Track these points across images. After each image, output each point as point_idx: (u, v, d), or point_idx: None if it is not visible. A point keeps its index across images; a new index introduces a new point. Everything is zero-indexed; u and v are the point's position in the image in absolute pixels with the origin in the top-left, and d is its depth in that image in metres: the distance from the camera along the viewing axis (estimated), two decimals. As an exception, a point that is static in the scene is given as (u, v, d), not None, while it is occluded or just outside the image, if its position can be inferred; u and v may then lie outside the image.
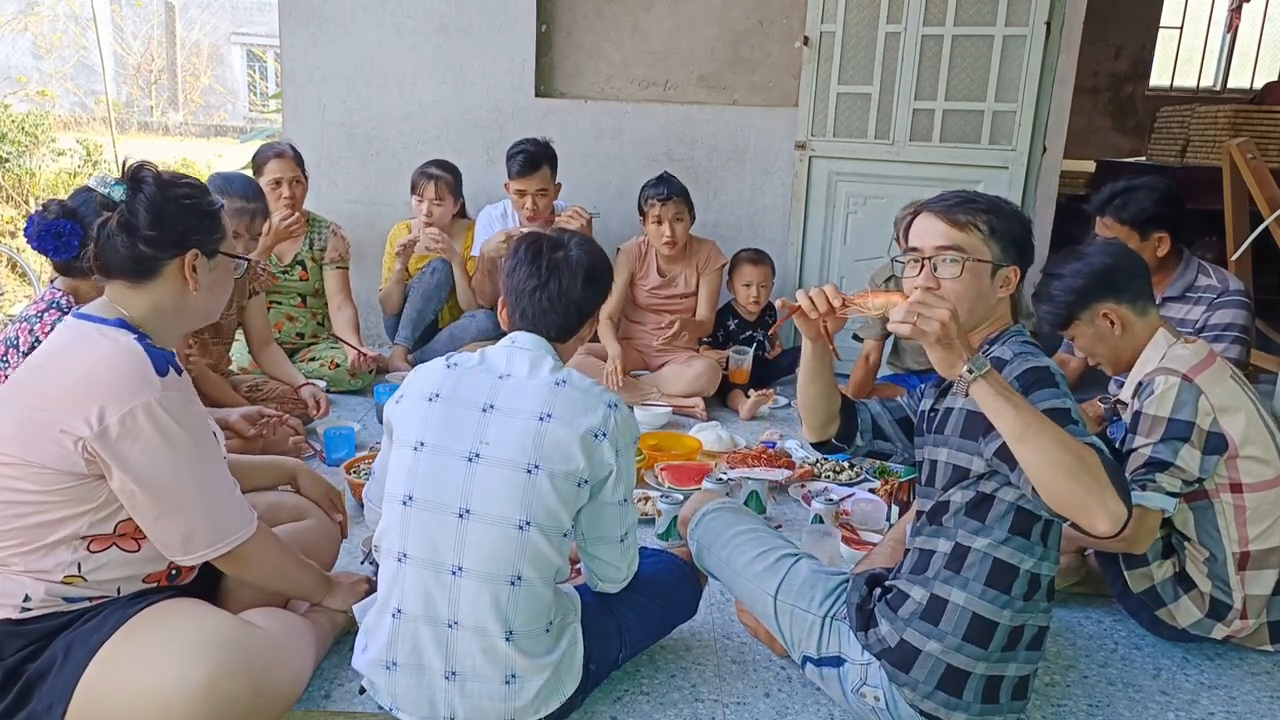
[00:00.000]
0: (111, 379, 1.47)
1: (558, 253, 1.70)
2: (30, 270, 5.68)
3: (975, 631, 1.58)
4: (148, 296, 1.58)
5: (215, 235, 1.64)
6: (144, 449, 1.46)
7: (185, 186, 1.60)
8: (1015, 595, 1.58)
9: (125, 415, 1.45)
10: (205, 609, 1.62)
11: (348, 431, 2.99)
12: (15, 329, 2.12)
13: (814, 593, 1.77)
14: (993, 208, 1.67)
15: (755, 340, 3.87)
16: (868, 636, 1.68)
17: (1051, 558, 1.62)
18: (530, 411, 1.57)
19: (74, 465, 1.46)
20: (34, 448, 1.46)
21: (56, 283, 2.20)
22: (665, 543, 2.42)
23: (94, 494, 1.49)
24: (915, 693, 1.62)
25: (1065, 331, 2.16)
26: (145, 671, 1.48)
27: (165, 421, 1.47)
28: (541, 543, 1.55)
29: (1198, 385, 1.94)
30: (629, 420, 1.65)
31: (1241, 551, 1.98)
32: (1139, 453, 1.96)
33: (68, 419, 1.44)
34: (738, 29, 4.35)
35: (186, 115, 16.96)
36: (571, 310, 1.69)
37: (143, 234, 1.53)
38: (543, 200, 3.74)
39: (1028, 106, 4.03)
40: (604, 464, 1.59)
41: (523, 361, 1.64)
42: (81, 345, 1.53)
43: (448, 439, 1.57)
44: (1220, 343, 2.60)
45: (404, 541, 1.58)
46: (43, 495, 1.48)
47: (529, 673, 1.57)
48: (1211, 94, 8.69)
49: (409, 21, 4.29)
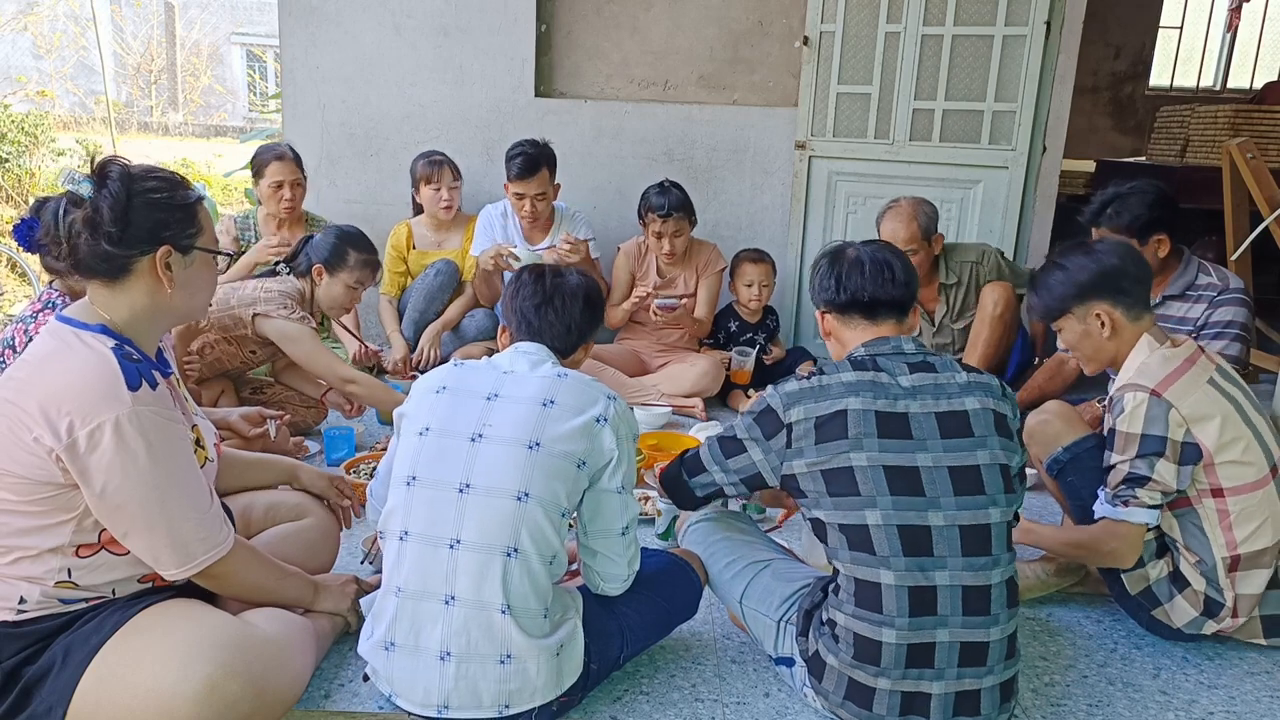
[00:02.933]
0: (82, 391, 1.43)
1: (558, 278, 1.82)
2: (30, 270, 5.68)
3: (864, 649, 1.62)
4: (123, 297, 1.54)
5: (189, 230, 1.57)
6: (109, 465, 1.43)
7: (155, 180, 1.54)
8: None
9: (93, 430, 1.42)
10: (205, 610, 1.61)
11: (348, 431, 2.99)
12: (12, 330, 2.12)
13: (772, 598, 1.84)
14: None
15: (757, 342, 3.87)
16: (806, 640, 1.74)
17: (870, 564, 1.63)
18: (534, 398, 1.65)
19: (50, 475, 1.44)
20: (11, 458, 1.45)
21: (53, 283, 2.20)
22: (665, 543, 2.42)
23: (73, 503, 1.47)
24: (829, 701, 1.70)
25: (1054, 323, 2.16)
26: (145, 673, 1.47)
27: (131, 438, 1.43)
28: (539, 515, 1.58)
29: (1167, 399, 1.93)
30: (627, 412, 1.72)
31: (1231, 555, 1.97)
32: (1117, 469, 1.97)
33: (40, 429, 1.42)
34: (737, 29, 4.35)
35: (186, 115, 16.95)
36: (572, 327, 1.79)
37: (105, 231, 1.47)
38: (541, 203, 3.74)
39: (1028, 106, 4.03)
40: (604, 450, 1.64)
41: (525, 361, 1.73)
42: (58, 354, 1.49)
43: (453, 423, 1.64)
44: (1221, 340, 2.60)
45: (406, 520, 1.62)
46: (24, 505, 1.47)
47: (525, 654, 1.57)
48: (1211, 94, 8.70)
49: (409, 21, 4.29)
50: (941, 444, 1.64)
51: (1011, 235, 4.18)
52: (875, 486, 1.61)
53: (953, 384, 1.70)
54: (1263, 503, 1.97)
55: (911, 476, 1.62)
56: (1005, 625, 1.63)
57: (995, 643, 1.62)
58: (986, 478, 1.64)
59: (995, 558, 1.63)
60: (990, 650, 1.62)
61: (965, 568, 1.60)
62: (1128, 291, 2.05)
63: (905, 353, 1.74)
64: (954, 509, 1.61)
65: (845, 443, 1.63)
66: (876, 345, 1.76)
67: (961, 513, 1.61)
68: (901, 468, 1.62)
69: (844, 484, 1.63)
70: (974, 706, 1.62)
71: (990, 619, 1.61)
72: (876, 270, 1.78)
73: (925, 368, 1.72)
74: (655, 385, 3.69)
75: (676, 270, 3.86)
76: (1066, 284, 2.09)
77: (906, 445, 1.63)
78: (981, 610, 1.61)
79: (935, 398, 1.67)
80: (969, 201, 4.22)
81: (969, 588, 1.60)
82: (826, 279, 1.83)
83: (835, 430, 1.65)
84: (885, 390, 1.67)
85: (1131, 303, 2.06)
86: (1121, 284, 2.05)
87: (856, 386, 1.67)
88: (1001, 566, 1.64)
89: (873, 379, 1.68)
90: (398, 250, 4.03)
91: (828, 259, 1.86)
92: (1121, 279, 2.05)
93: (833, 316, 1.85)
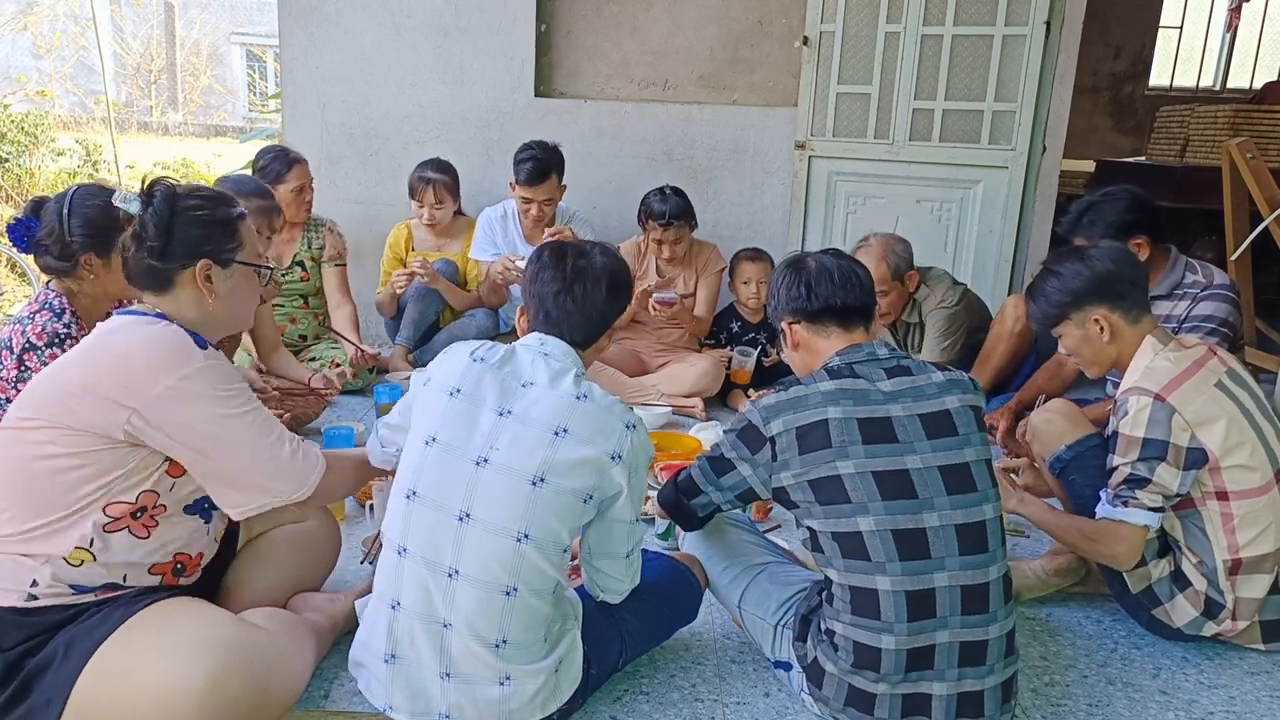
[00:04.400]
0: (161, 351, 1.56)
1: (581, 260, 1.69)
2: (30, 270, 5.68)
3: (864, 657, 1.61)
4: (172, 306, 1.66)
5: (229, 245, 1.69)
6: (207, 414, 1.56)
7: (198, 199, 1.67)
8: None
9: (184, 378, 1.54)
10: (208, 608, 1.63)
11: (347, 432, 2.98)
12: (9, 330, 2.11)
13: (769, 602, 1.84)
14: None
15: (759, 342, 3.87)
16: (804, 647, 1.73)
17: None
18: (547, 423, 1.55)
19: (111, 430, 1.52)
20: (72, 412, 1.51)
21: (51, 284, 2.19)
22: (665, 543, 2.42)
23: (124, 460, 1.54)
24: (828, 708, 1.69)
25: (1053, 330, 2.15)
26: (147, 668, 1.48)
27: (218, 384, 1.58)
28: (537, 558, 1.54)
29: (1170, 404, 1.92)
30: (645, 443, 1.63)
31: (1233, 559, 1.97)
32: (1119, 470, 1.96)
33: (115, 389, 1.51)
34: (737, 29, 4.35)
35: (186, 115, 16.94)
36: (595, 316, 1.68)
37: (149, 245, 1.61)
38: (549, 208, 3.73)
39: (1027, 106, 4.03)
40: (614, 484, 1.59)
41: (545, 371, 1.61)
42: (125, 329, 1.61)
43: (459, 438, 1.57)
44: (1197, 334, 2.57)
45: (405, 536, 1.59)
46: (72, 458, 1.52)
47: (523, 676, 1.57)
48: (1211, 94, 8.69)
49: (408, 21, 4.29)
50: (929, 444, 1.63)
51: (1011, 235, 4.18)
52: (865, 493, 1.59)
53: (930, 384, 1.69)
54: (1267, 508, 1.97)
55: (902, 480, 1.61)
56: (1003, 622, 1.63)
57: (994, 640, 1.62)
58: (976, 474, 1.65)
59: (992, 553, 1.63)
60: (989, 648, 1.61)
61: (962, 567, 1.60)
62: (1124, 295, 2.05)
63: (880, 358, 1.73)
64: (948, 508, 1.60)
65: (830, 451, 1.62)
66: (851, 353, 1.74)
67: (956, 511, 1.61)
68: (890, 472, 1.61)
69: (833, 492, 1.61)
70: (977, 707, 1.62)
71: (989, 616, 1.61)
72: (844, 277, 1.78)
73: (901, 371, 1.71)
74: (655, 385, 3.69)
75: (676, 270, 3.87)
76: (1062, 291, 2.08)
77: (894, 449, 1.62)
78: (980, 608, 1.60)
79: (916, 399, 1.67)
80: (969, 201, 4.22)
81: (967, 587, 1.60)
82: (795, 288, 1.79)
83: (818, 440, 1.63)
84: (865, 396, 1.66)
85: (1129, 306, 2.05)
86: (1117, 288, 2.04)
87: (836, 395, 1.65)
88: (998, 562, 1.64)
89: (851, 386, 1.67)
90: (396, 251, 4.03)
91: (790, 269, 1.83)
92: (1117, 283, 2.04)
93: (803, 327, 1.81)
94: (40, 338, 2.08)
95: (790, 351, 1.87)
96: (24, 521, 1.52)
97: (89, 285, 2.16)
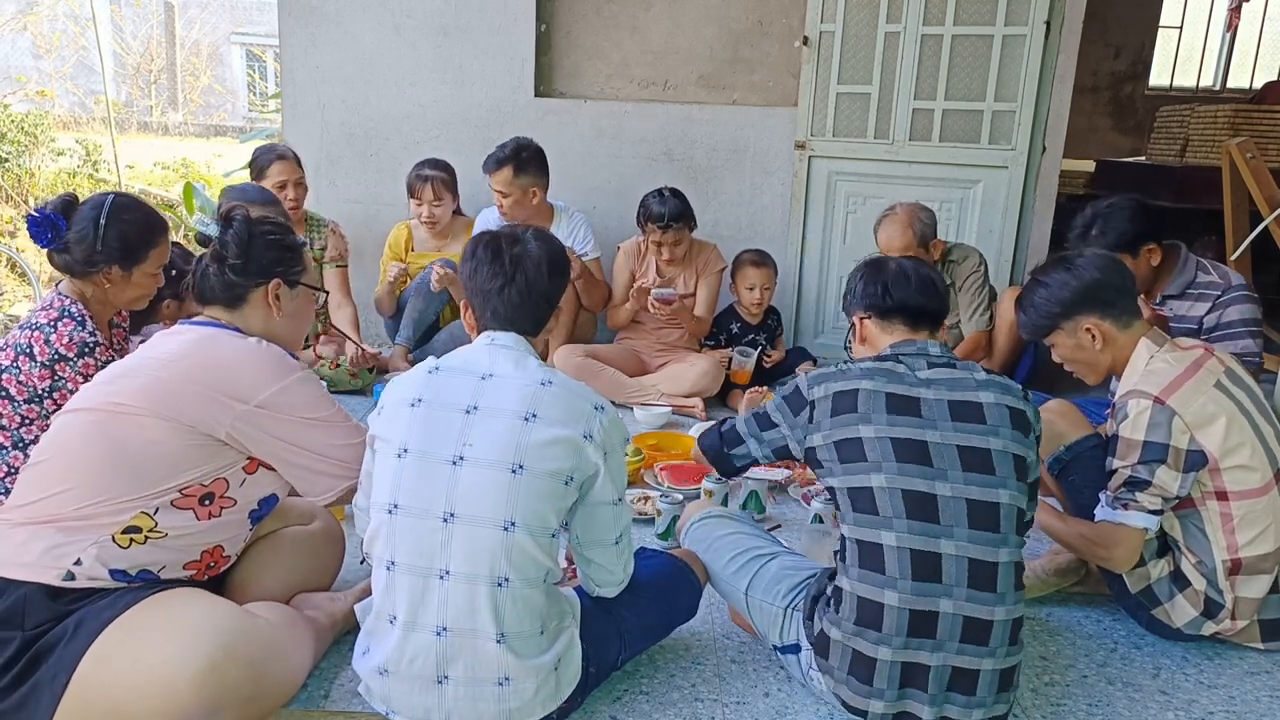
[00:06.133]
0: (267, 361, 1.74)
1: (516, 247, 1.68)
2: (30, 270, 5.67)
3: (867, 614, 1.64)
4: (240, 321, 1.81)
5: (296, 267, 1.88)
6: (297, 418, 1.73)
7: (270, 225, 1.86)
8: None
9: (282, 388, 1.71)
10: (211, 597, 1.66)
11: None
12: (27, 337, 2.07)
13: (779, 587, 1.87)
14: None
15: (759, 343, 3.87)
16: (813, 623, 1.75)
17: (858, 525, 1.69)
18: (514, 411, 1.56)
19: (214, 429, 1.65)
20: (178, 406, 1.63)
21: (61, 287, 2.17)
22: (665, 543, 2.42)
23: (215, 456, 1.67)
24: (833, 679, 1.71)
25: (1044, 340, 2.16)
26: (149, 650, 1.50)
27: (312, 393, 1.77)
28: (527, 543, 1.54)
29: (1170, 407, 1.92)
30: (616, 422, 1.65)
31: (1232, 559, 1.97)
32: (1119, 473, 1.97)
33: (226, 392, 1.67)
34: (737, 29, 4.35)
35: (186, 115, 16.94)
36: (541, 302, 1.70)
37: (231, 263, 1.78)
38: (507, 200, 3.67)
39: (1027, 106, 4.03)
40: (590, 463, 1.59)
41: (506, 360, 1.63)
42: (223, 339, 1.76)
43: (431, 444, 1.56)
44: (1238, 340, 2.60)
45: (392, 549, 1.57)
46: (175, 447, 1.63)
47: (522, 675, 1.57)
48: (1211, 94, 8.70)
49: (408, 21, 4.29)
50: (952, 425, 1.68)
51: (1011, 235, 4.19)
52: (881, 453, 1.67)
53: (970, 379, 1.75)
54: (1267, 509, 1.97)
55: (919, 448, 1.66)
56: (1011, 607, 1.63)
57: (1000, 623, 1.62)
58: (998, 461, 1.66)
59: (1004, 536, 1.64)
60: (994, 630, 1.61)
61: (972, 540, 1.61)
62: (1112, 303, 2.05)
63: (929, 354, 1.80)
64: (961, 483, 1.64)
65: (854, 415, 1.71)
66: (904, 346, 1.83)
67: (970, 487, 1.63)
68: (909, 440, 1.67)
69: (852, 451, 1.69)
70: (970, 686, 1.63)
71: (996, 596, 1.61)
72: (921, 282, 1.87)
73: (946, 365, 1.78)
74: (655, 385, 3.69)
75: (676, 271, 3.86)
76: (1050, 302, 2.09)
77: (916, 422, 1.69)
78: (988, 586, 1.61)
79: (951, 389, 1.73)
80: (969, 201, 4.22)
81: (975, 561, 1.61)
82: (871, 285, 1.90)
83: (847, 404, 1.73)
84: (900, 378, 1.74)
85: (1119, 312, 2.05)
86: (1105, 295, 2.05)
87: (872, 372, 1.76)
88: (1010, 547, 1.65)
89: (890, 368, 1.77)
90: (396, 251, 4.03)
91: (869, 268, 1.94)
92: (1104, 291, 2.05)
93: (873, 322, 1.90)
94: (70, 348, 2.08)
95: (858, 345, 1.95)
96: (84, 500, 1.58)
97: (102, 292, 2.17)
